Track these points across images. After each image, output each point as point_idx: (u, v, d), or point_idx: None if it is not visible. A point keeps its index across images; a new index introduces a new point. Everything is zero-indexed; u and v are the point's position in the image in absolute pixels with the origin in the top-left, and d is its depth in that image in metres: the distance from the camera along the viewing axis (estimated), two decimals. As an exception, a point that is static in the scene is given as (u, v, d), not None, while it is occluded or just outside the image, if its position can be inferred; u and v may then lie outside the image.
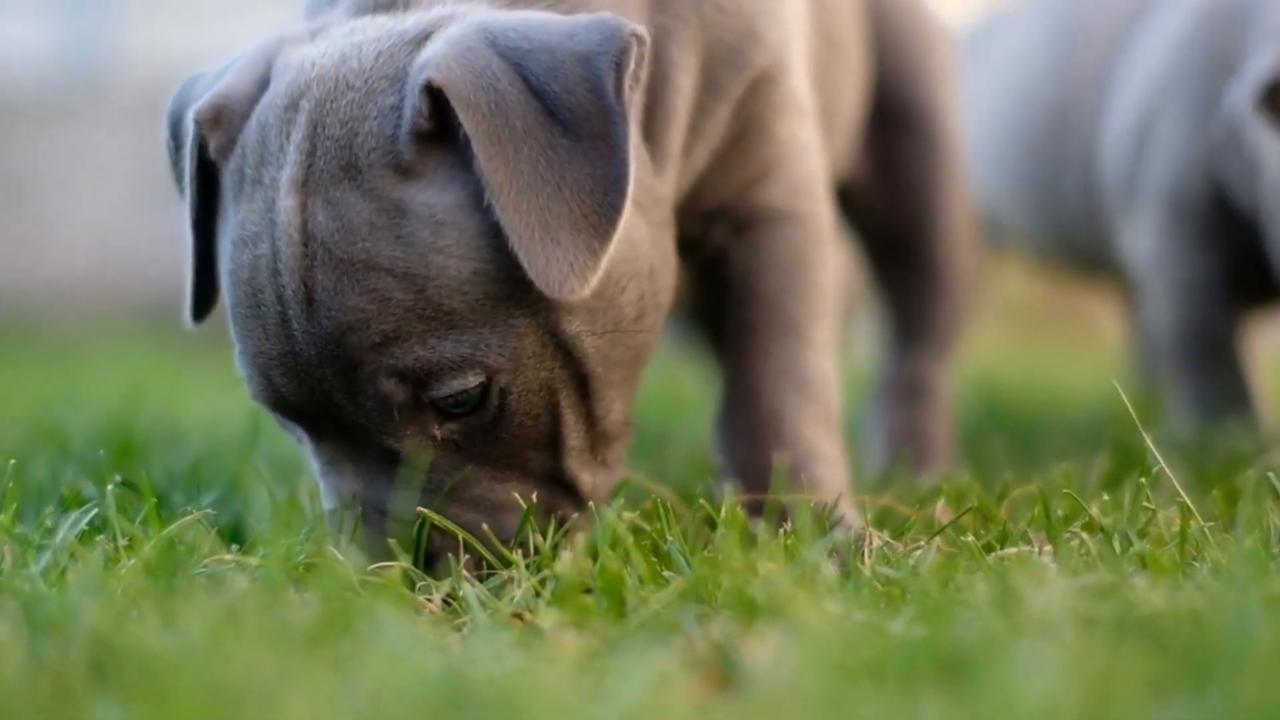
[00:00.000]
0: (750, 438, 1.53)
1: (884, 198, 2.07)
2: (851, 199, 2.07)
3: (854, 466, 1.72)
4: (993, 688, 0.90)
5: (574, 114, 1.30)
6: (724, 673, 1.02)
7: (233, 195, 1.37)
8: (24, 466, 1.77)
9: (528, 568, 1.30)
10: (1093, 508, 1.43)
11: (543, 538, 1.35)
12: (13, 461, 1.52)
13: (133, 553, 1.30)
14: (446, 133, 1.31)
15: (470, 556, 1.33)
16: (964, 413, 2.34)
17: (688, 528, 1.42)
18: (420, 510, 1.33)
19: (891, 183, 2.06)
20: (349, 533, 1.33)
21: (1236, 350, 2.32)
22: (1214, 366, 2.31)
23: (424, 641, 1.07)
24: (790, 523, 1.37)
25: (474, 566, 1.33)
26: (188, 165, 1.40)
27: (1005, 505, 1.54)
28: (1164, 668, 0.94)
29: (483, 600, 1.23)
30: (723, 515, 1.34)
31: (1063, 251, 2.79)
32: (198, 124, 1.39)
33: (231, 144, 1.38)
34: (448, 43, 1.32)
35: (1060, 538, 1.36)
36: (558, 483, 1.38)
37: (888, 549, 1.36)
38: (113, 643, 1.02)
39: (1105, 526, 1.38)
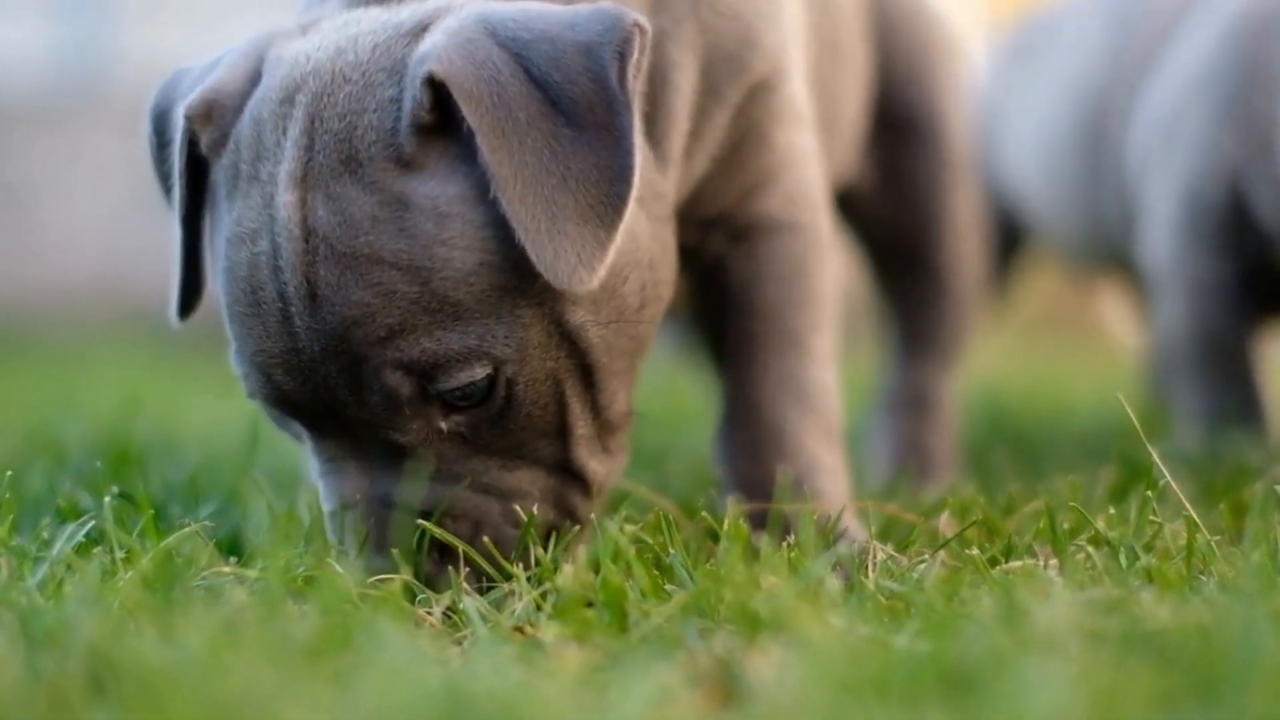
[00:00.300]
0: (751, 450, 1.53)
1: (889, 205, 2.07)
2: (856, 206, 2.07)
3: (857, 478, 1.72)
4: (998, 703, 0.90)
5: (577, 104, 1.30)
6: (727, 687, 1.02)
7: (226, 192, 1.36)
8: (20, 477, 1.77)
9: (529, 581, 1.30)
10: (1098, 521, 1.43)
11: (555, 528, 1.36)
12: (9, 473, 1.51)
13: (130, 565, 1.30)
14: (447, 125, 1.31)
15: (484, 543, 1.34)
16: (968, 423, 2.34)
17: (690, 541, 1.42)
18: (426, 507, 1.33)
19: (897, 189, 2.06)
20: (353, 533, 1.33)
21: (1248, 359, 2.31)
22: (1224, 374, 2.31)
23: (424, 655, 1.07)
24: (793, 536, 1.37)
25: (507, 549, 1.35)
26: (177, 161, 1.40)
27: (1012, 520, 1.54)
28: (1171, 683, 0.94)
29: (483, 613, 1.23)
30: (725, 528, 1.34)
31: (1099, 252, 2.78)
32: (188, 119, 1.38)
33: (224, 139, 1.37)
34: (447, 34, 1.32)
35: (1066, 552, 1.36)
36: (566, 471, 1.39)
37: (892, 562, 1.36)
38: (110, 656, 1.02)
39: (1111, 540, 1.38)
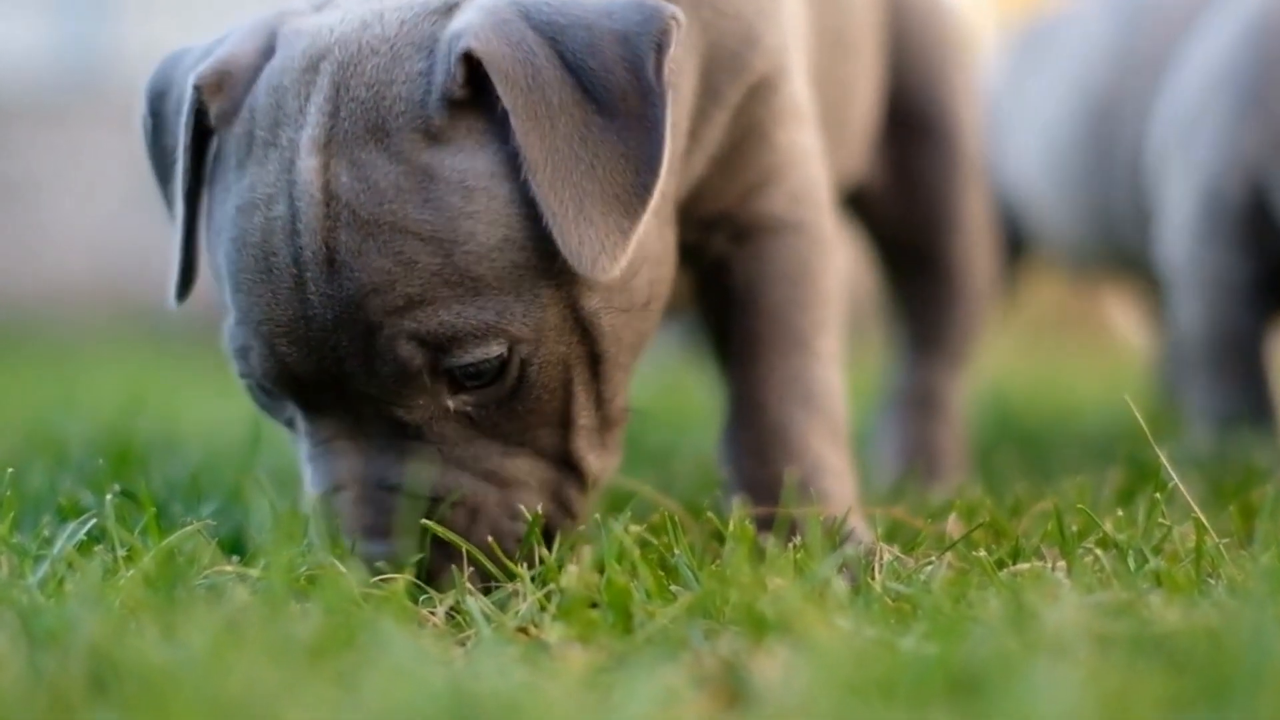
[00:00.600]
0: (756, 452, 1.53)
1: (900, 204, 2.07)
2: (866, 204, 2.07)
3: (864, 478, 1.72)
4: (1006, 706, 0.90)
5: (610, 92, 1.31)
6: (732, 689, 1.03)
7: (237, 161, 1.36)
8: (21, 474, 1.77)
9: (533, 580, 1.30)
10: (1106, 523, 1.44)
11: (550, 522, 1.36)
12: (10, 470, 1.52)
13: (132, 564, 1.30)
14: (477, 101, 1.32)
15: (481, 531, 1.34)
16: (975, 423, 2.34)
17: (695, 542, 1.42)
18: (422, 491, 1.33)
19: (907, 189, 2.06)
20: (344, 516, 1.32)
21: (1260, 359, 2.32)
22: (1237, 374, 2.31)
23: (428, 656, 1.07)
24: (800, 537, 1.37)
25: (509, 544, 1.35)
26: (183, 133, 1.39)
27: (1020, 521, 1.54)
28: (1180, 687, 0.94)
29: (487, 614, 1.23)
30: (731, 529, 1.34)
31: (1108, 255, 2.78)
32: (198, 89, 1.38)
33: (235, 109, 1.37)
34: (482, 12, 1.32)
35: (1074, 554, 1.36)
36: (565, 463, 1.39)
37: (898, 564, 1.36)
38: (112, 655, 1.02)
39: (1119, 543, 1.38)
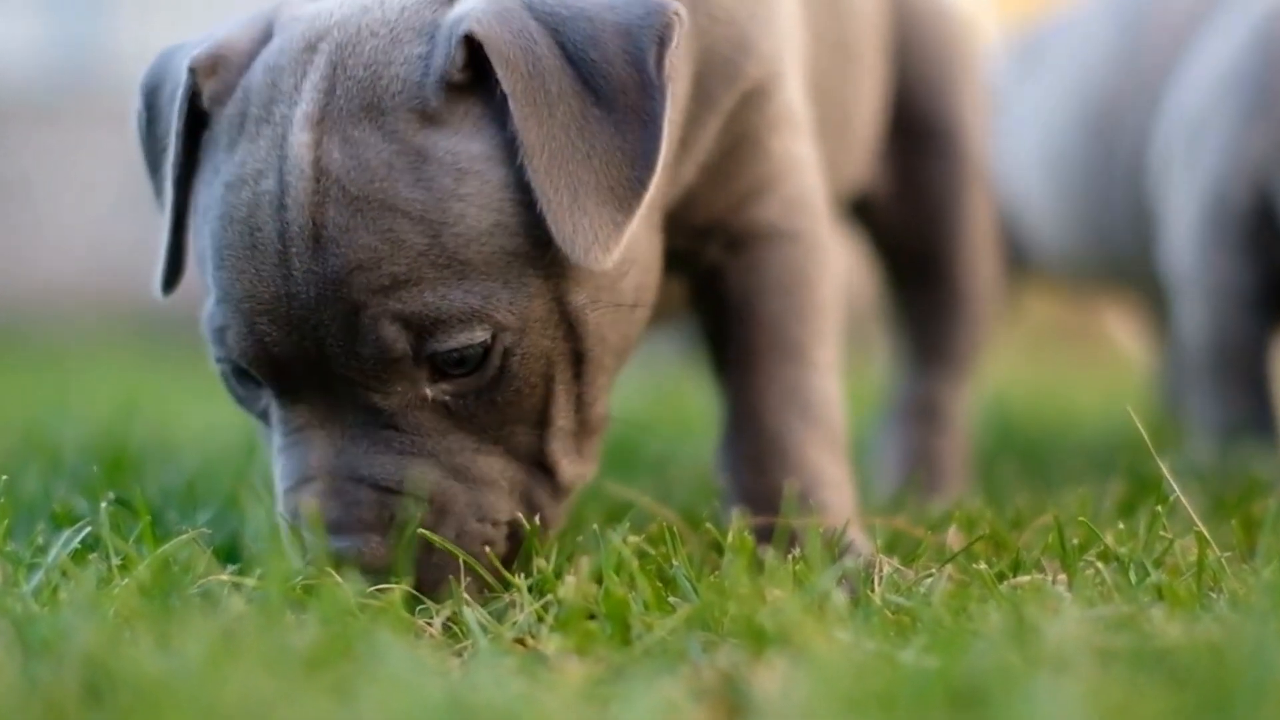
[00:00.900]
0: (754, 463, 1.53)
1: (904, 213, 2.06)
2: (870, 213, 2.07)
3: (863, 489, 1.72)
4: (1007, 722, 0.90)
5: (610, 84, 1.31)
6: (731, 702, 1.03)
7: (229, 140, 1.36)
8: (15, 480, 1.77)
9: (530, 591, 1.30)
10: (1108, 536, 1.44)
11: (522, 521, 1.35)
12: (4, 477, 1.51)
13: (127, 572, 1.30)
14: (475, 86, 1.32)
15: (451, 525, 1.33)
16: (976, 434, 2.34)
17: (694, 552, 1.42)
18: (391, 484, 1.32)
19: (913, 197, 2.06)
20: (311, 508, 1.31)
21: (1263, 369, 2.32)
22: (1238, 381, 2.31)
23: (425, 666, 1.07)
24: (799, 549, 1.37)
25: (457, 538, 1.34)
26: (176, 117, 1.39)
27: (1021, 533, 1.54)
28: (1182, 702, 0.94)
29: (484, 625, 1.23)
30: (730, 541, 1.34)
31: (1106, 266, 2.78)
32: (192, 71, 1.39)
33: (229, 90, 1.38)
34: (484, 0, 1.33)
35: (1075, 567, 1.36)
36: (539, 466, 1.38)
37: (898, 576, 1.36)
38: (107, 665, 1.02)
39: (1121, 556, 1.38)
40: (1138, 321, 3.32)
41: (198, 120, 1.40)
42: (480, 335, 1.31)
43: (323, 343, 1.31)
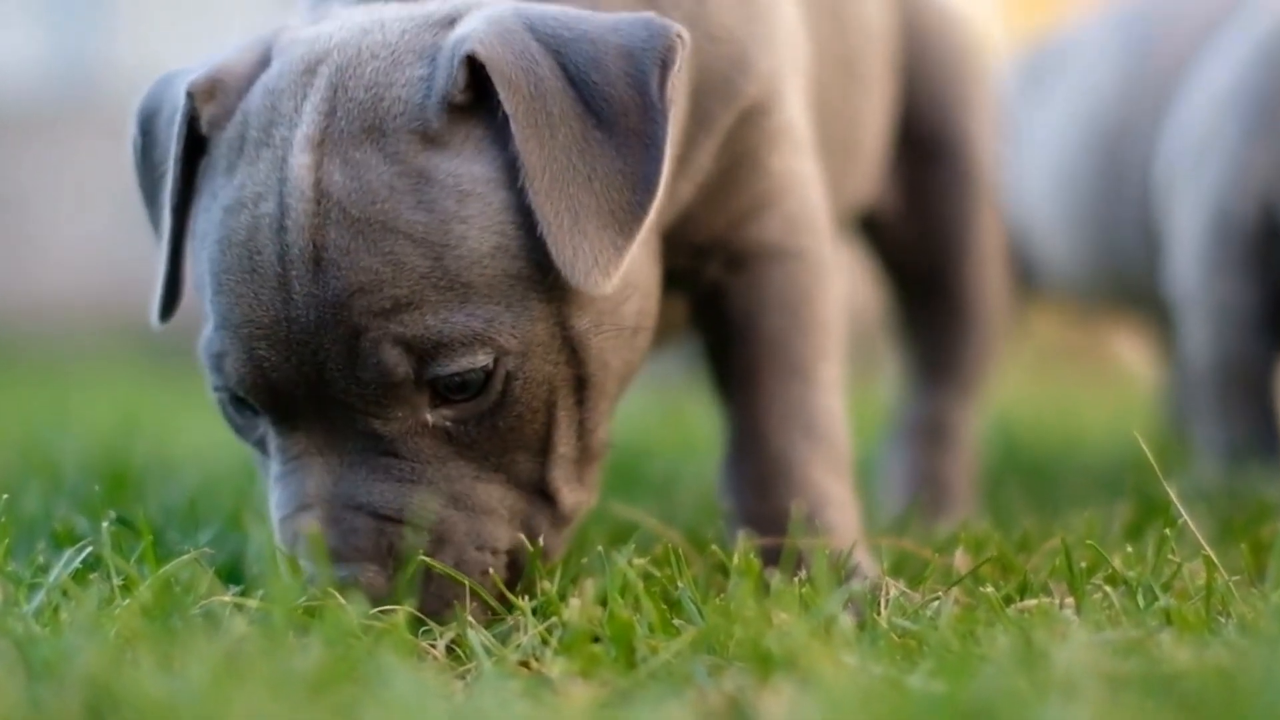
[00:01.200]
0: (758, 484, 1.53)
1: (912, 230, 2.06)
2: (878, 230, 2.07)
3: (869, 508, 1.73)
4: (1015, 749, 0.91)
5: (611, 107, 1.32)
6: (738, 727, 1.03)
7: (227, 164, 1.36)
8: (15, 498, 1.78)
9: (535, 614, 1.30)
10: (1115, 559, 1.44)
11: (525, 544, 1.35)
12: (5, 496, 1.52)
13: (128, 593, 1.30)
14: (478, 107, 1.33)
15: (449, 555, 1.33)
16: (981, 454, 2.34)
17: (699, 575, 1.42)
18: (390, 513, 1.31)
19: (921, 215, 2.06)
20: (309, 537, 1.30)
21: (1268, 390, 2.32)
22: (1243, 402, 2.31)
23: (429, 689, 1.07)
24: (805, 571, 1.37)
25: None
26: (174, 142, 1.39)
27: (1028, 556, 1.54)
28: (1191, 729, 0.95)
29: (488, 647, 1.23)
30: (735, 563, 1.34)
31: (1113, 286, 2.78)
32: (190, 95, 1.38)
33: (228, 115, 1.38)
34: (486, 21, 1.33)
35: (1083, 591, 1.36)
36: (539, 493, 1.37)
37: (905, 599, 1.36)
38: (110, 687, 1.02)
39: (1129, 580, 1.38)
40: (1145, 340, 3.32)
41: (196, 145, 1.40)
42: (482, 359, 1.31)
43: (322, 367, 1.31)
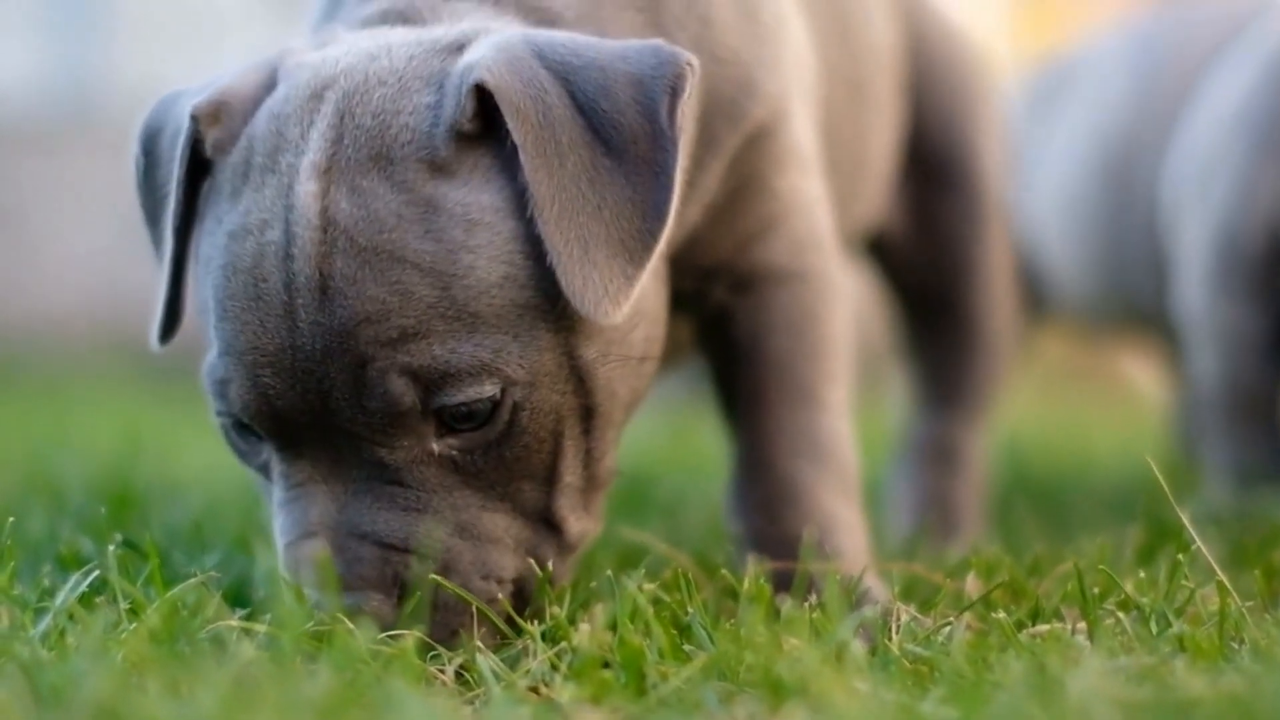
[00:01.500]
0: (766, 508, 1.53)
1: (921, 251, 2.06)
2: (885, 250, 2.07)
3: (876, 531, 1.73)
4: (1030, 778, 0.91)
5: (620, 135, 1.32)
6: (750, 755, 1.03)
7: (232, 189, 1.36)
8: (19, 521, 1.78)
9: (544, 639, 1.30)
10: (1128, 584, 1.44)
11: (535, 570, 1.35)
12: (11, 519, 1.52)
13: (135, 617, 1.30)
14: (486, 136, 1.33)
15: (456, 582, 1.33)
16: (990, 476, 2.34)
17: (709, 599, 1.42)
18: (395, 542, 1.31)
19: (929, 236, 2.06)
20: (313, 564, 1.30)
21: (1276, 414, 2.31)
22: (1252, 426, 2.31)
23: (438, 715, 1.07)
24: (815, 596, 1.37)
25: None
26: (178, 165, 1.39)
27: (1041, 582, 1.54)
28: (1206, 758, 0.95)
29: (497, 673, 1.23)
30: (745, 588, 1.34)
31: (1122, 308, 2.78)
32: (194, 119, 1.38)
33: (232, 139, 1.38)
34: (494, 49, 1.33)
35: (1096, 617, 1.36)
36: (545, 522, 1.37)
37: (915, 624, 1.36)
38: (118, 713, 1.02)
39: (1141, 605, 1.38)
40: (1154, 360, 3.32)
41: (199, 168, 1.40)
42: (490, 389, 1.31)
43: (328, 396, 1.30)
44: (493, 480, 1.34)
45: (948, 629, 1.34)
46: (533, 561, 1.36)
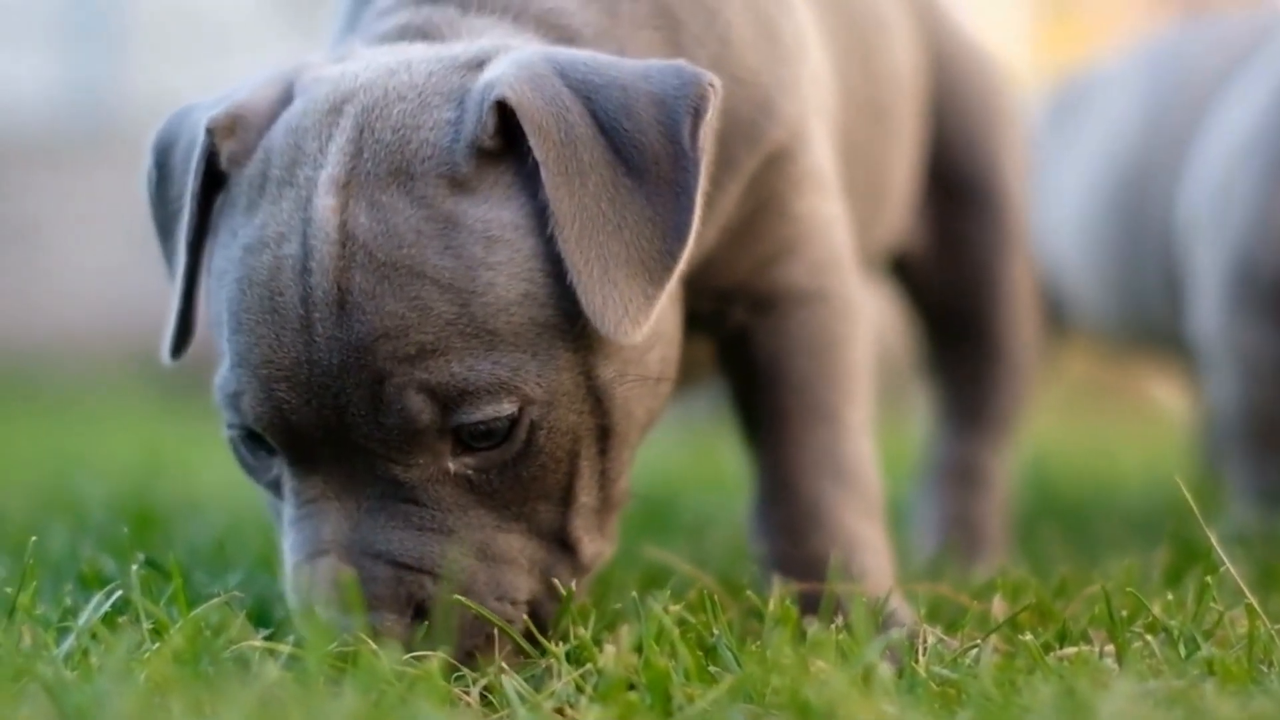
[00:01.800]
0: (790, 530, 1.53)
1: (943, 271, 2.07)
2: (908, 271, 2.08)
3: (900, 552, 1.73)
4: (1061, 803, 0.91)
5: (643, 155, 1.32)
6: (777, 778, 1.03)
7: (248, 202, 1.36)
8: (41, 539, 1.78)
9: (569, 660, 1.31)
10: (1155, 607, 1.44)
11: (544, 598, 1.35)
12: (34, 538, 1.52)
13: (159, 637, 1.30)
14: (507, 153, 1.33)
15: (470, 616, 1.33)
16: (1015, 495, 2.35)
17: (734, 620, 1.43)
18: (410, 562, 1.31)
19: (952, 256, 2.06)
20: (324, 582, 1.30)
21: None
22: (1273, 450, 2.31)
23: (464, 737, 1.08)
24: (843, 618, 1.37)
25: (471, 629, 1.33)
26: (192, 177, 1.39)
27: (1069, 605, 1.54)
28: (1238, 784, 0.95)
29: (522, 694, 1.24)
30: (771, 610, 1.34)
31: (1139, 329, 2.79)
32: (210, 132, 1.39)
33: (248, 152, 1.38)
34: (516, 65, 1.34)
35: (1124, 640, 1.37)
36: (560, 543, 1.38)
37: (942, 646, 1.36)
38: (144, 734, 1.03)
39: (1170, 628, 1.39)
40: (1177, 378, 3.32)
41: (213, 181, 1.40)
42: (508, 408, 1.31)
43: (344, 411, 1.31)
44: (508, 500, 1.35)
45: (975, 651, 1.34)
46: (550, 582, 1.36)
